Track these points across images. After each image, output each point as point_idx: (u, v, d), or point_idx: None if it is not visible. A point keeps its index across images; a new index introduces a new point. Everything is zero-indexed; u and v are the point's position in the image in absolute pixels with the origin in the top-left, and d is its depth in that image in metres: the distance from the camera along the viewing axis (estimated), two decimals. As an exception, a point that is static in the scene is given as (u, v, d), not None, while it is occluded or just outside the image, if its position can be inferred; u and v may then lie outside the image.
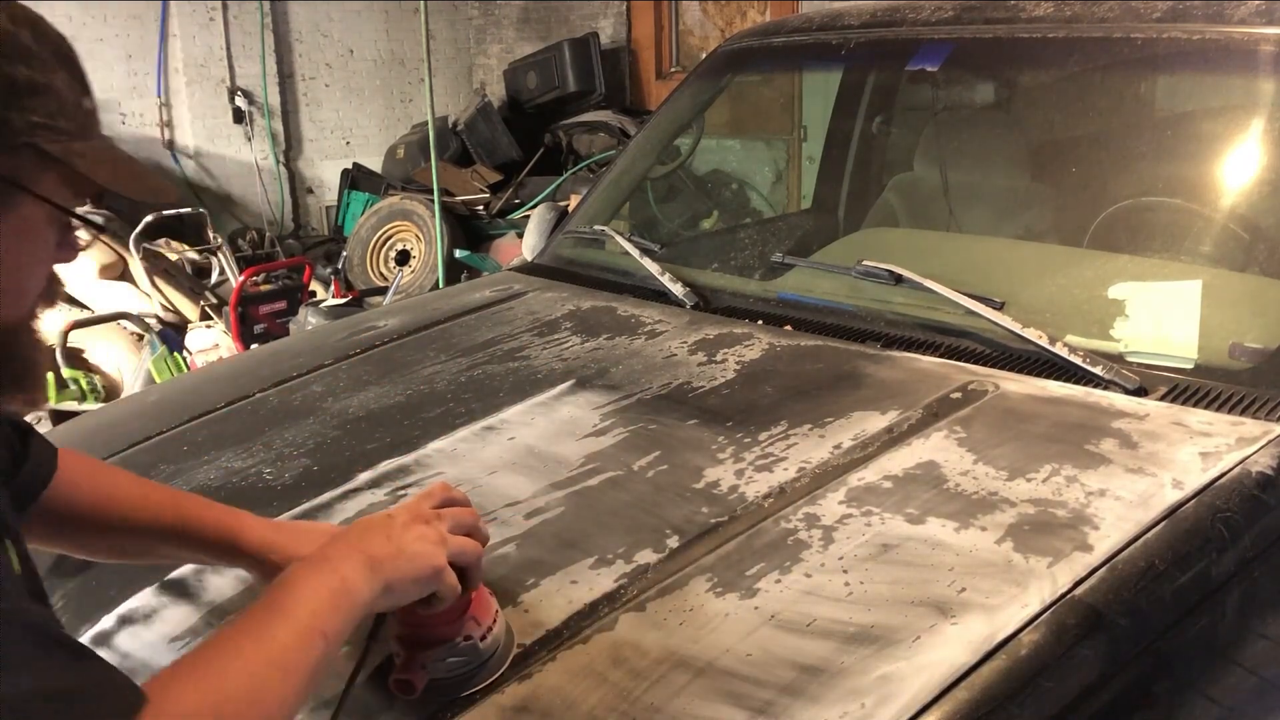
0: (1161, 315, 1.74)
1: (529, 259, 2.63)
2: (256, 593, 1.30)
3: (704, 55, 4.27)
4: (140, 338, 5.11)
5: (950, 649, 1.06)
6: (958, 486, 1.34)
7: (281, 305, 5.08)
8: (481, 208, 7.22)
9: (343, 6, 8.57)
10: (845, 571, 1.20)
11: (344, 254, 7.25)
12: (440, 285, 6.30)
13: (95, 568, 1.45)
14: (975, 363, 1.70)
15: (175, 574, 1.37)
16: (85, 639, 1.30)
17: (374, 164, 8.30)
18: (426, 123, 6.51)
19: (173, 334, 4.96)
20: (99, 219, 5.86)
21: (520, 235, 6.16)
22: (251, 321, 4.94)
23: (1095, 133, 2.19)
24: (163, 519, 1.17)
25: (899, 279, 1.87)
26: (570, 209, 2.75)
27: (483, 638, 1.08)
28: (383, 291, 6.05)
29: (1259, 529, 1.29)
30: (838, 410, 1.57)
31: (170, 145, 7.87)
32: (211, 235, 6.43)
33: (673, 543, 1.29)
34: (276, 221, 8.34)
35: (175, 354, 4.61)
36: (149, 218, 5.73)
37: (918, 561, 1.20)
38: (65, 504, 1.14)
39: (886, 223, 2.60)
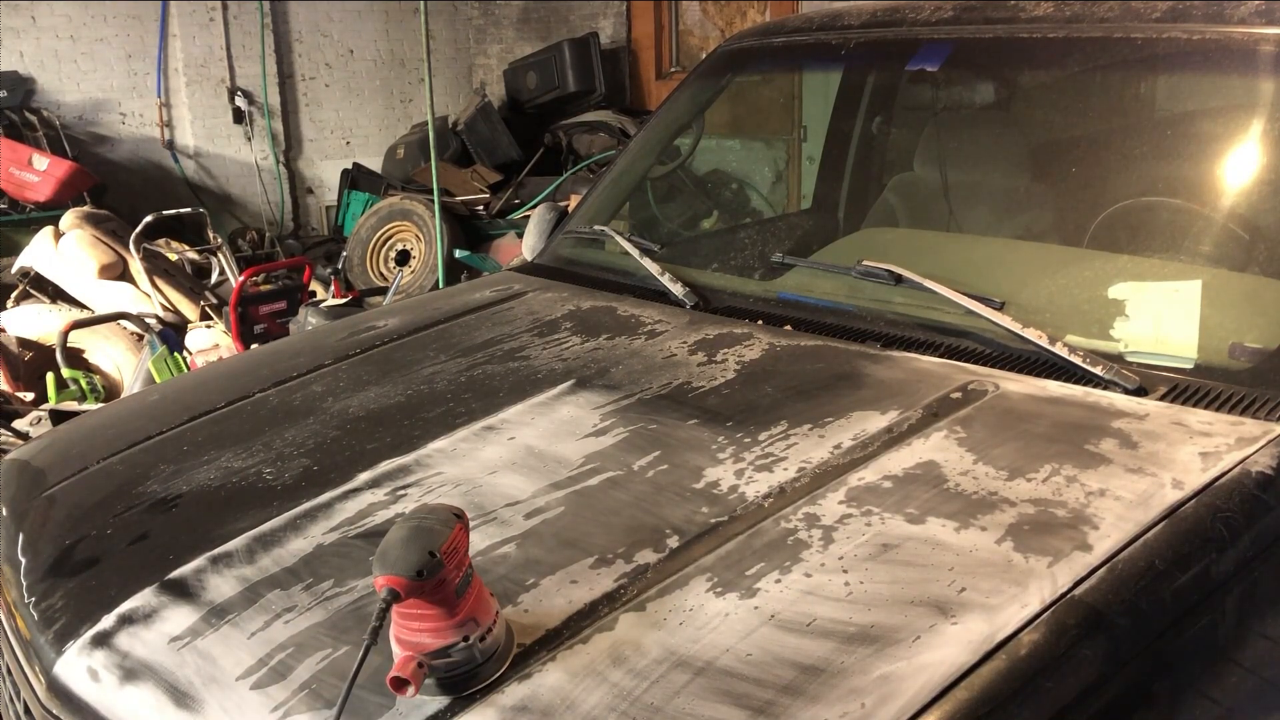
0: (1161, 315, 1.74)
1: (529, 259, 2.63)
2: (256, 591, 1.31)
3: (704, 55, 4.27)
4: (140, 338, 5.11)
5: (950, 649, 1.06)
6: (958, 486, 1.34)
7: (281, 305, 5.09)
8: (481, 208, 7.22)
9: (343, 6, 8.57)
10: (845, 571, 1.20)
11: (344, 254, 7.26)
12: (440, 285, 6.30)
13: (95, 567, 1.45)
14: (975, 363, 1.70)
15: (175, 574, 1.37)
16: (85, 639, 1.30)
17: (374, 164, 8.31)
18: (426, 123, 6.52)
19: (173, 334, 4.96)
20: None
21: (520, 235, 6.17)
22: (251, 321, 4.95)
23: (1095, 133, 2.19)
24: None
25: (899, 279, 1.87)
26: (570, 209, 2.75)
27: (482, 638, 1.08)
28: (383, 291, 6.05)
29: (1259, 529, 1.29)
30: (838, 410, 1.57)
31: (170, 145, 7.88)
32: (211, 235, 6.44)
33: (673, 543, 1.29)
34: (276, 221, 8.35)
35: (175, 354, 4.61)
36: (149, 218, 5.74)
37: (918, 561, 1.20)
38: None
39: (886, 223, 2.60)
